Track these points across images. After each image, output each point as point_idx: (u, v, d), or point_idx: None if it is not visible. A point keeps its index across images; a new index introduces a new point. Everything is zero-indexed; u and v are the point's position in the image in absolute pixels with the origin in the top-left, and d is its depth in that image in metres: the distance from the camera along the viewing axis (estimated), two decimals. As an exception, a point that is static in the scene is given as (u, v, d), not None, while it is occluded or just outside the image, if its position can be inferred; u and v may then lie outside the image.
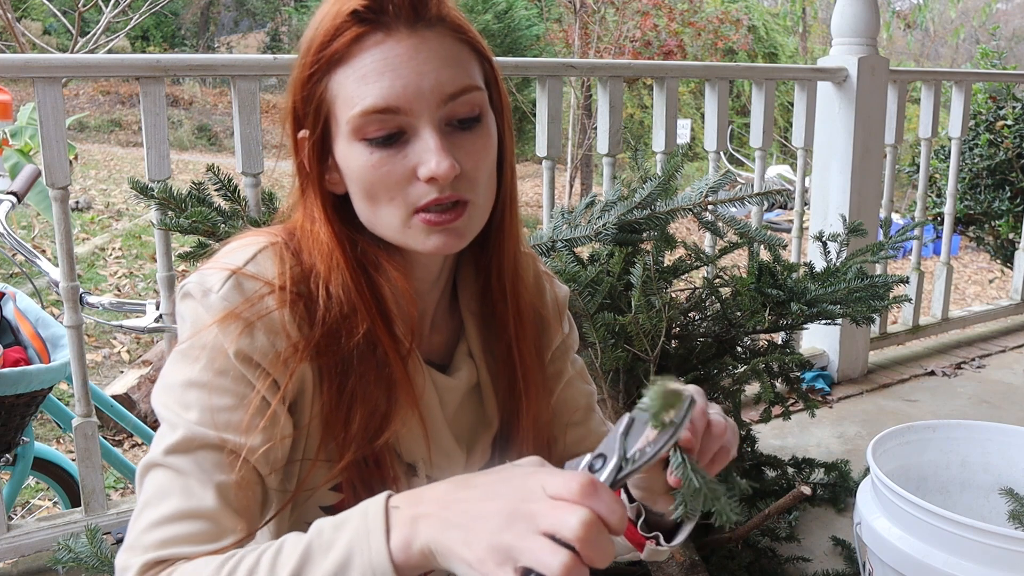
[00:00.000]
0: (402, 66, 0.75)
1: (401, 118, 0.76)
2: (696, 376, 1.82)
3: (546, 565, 0.57)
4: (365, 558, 0.63)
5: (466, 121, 0.78)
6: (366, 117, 0.75)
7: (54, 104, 1.73)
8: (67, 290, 1.84)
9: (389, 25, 0.76)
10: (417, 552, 0.63)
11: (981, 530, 1.35)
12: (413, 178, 0.77)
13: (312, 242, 0.82)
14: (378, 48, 0.75)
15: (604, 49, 10.53)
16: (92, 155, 10.42)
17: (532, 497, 0.61)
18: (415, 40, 0.76)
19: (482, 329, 0.93)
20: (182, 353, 0.78)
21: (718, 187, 1.68)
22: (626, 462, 0.64)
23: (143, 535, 0.72)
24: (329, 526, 0.66)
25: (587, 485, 0.60)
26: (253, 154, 1.96)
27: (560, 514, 0.59)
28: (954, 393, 3.08)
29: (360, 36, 0.76)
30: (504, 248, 0.89)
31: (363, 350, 0.80)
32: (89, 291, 2.41)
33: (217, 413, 0.75)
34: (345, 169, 0.80)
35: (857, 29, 2.99)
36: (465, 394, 0.92)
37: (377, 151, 0.76)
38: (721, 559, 1.79)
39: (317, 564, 0.64)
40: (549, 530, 0.59)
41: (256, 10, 19.05)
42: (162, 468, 0.74)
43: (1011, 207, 5.13)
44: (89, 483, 1.93)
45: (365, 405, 0.80)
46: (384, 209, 0.79)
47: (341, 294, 0.80)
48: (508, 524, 0.60)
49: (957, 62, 18.29)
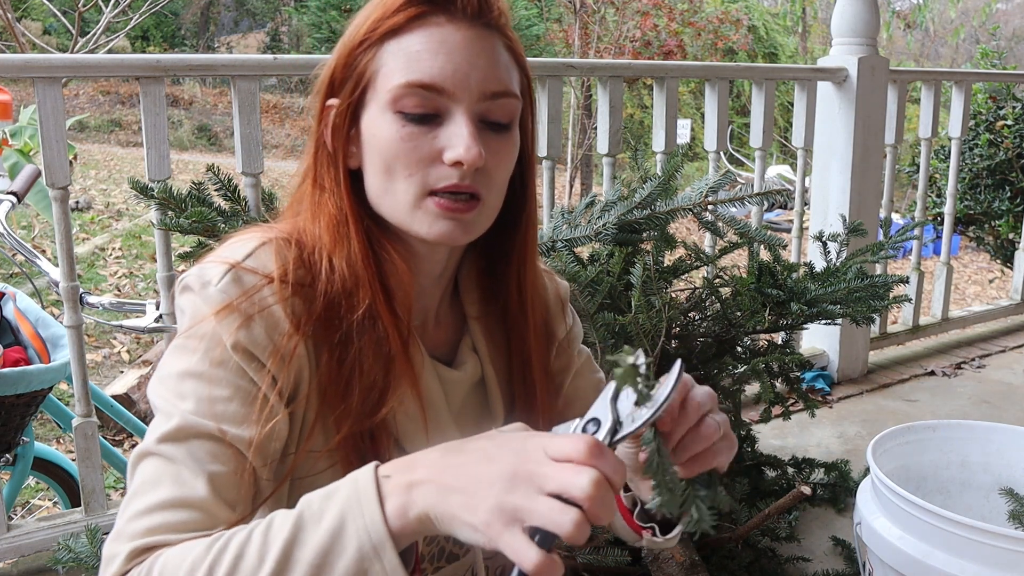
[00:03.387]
0: (456, 52, 0.77)
1: (442, 100, 0.77)
2: (696, 376, 1.82)
3: (557, 524, 0.59)
4: (360, 523, 0.63)
5: (497, 125, 0.80)
6: (410, 89, 0.77)
7: (54, 104, 1.73)
8: (67, 290, 1.84)
9: (453, 13, 0.79)
10: (414, 519, 0.64)
11: (981, 530, 1.35)
12: (436, 160, 0.78)
13: (320, 213, 0.82)
14: (438, 29, 0.78)
15: (604, 49, 10.53)
16: (92, 155, 10.42)
17: (533, 459, 0.62)
18: (473, 33, 0.79)
19: (485, 328, 0.94)
20: (180, 345, 0.78)
21: (718, 187, 1.68)
22: (620, 425, 0.65)
23: (131, 523, 0.71)
24: (318, 497, 0.66)
25: (593, 446, 0.61)
26: (253, 154, 1.96)
27: (568, 475, 0.60)
28: (954, 393, 3.08)
29: (423, 14, 0.78)
30: (527, 262, 0.91)
31: (364, 325, 0.80)
32: (89, 291, 2.41)
33: (213, 404, 0.75)
34: (369, 139, 0.80)
35: (857, 29, 2.99)
36: (470, 388, 0.92)
37: (409, 125, 0.78)
38: (721, 559, 1.79)
39: (310, 534, 0.64)
40: (557, 490, 0.60)
41: (256, 10, 19.06)
42: (154, 456, 0.74)
43: (1011, 207, 5.13)
44: (89, 483, 1.93)
45: (364, 379, 0.80)
46: (399, 184, 0.79)
47: (345, 267, 0.80)
48: (512, 486, 0.61)
49: (957, 62, 18.29)
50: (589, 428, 0.67)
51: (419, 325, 0.89)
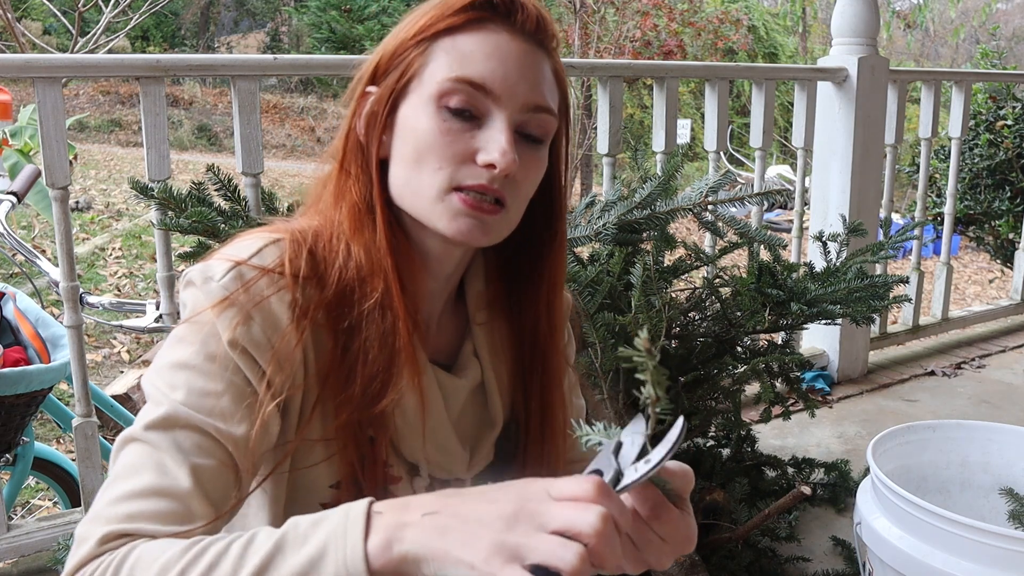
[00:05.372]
0: (510, 59, 0.79)
1: (487, 102, 0.78)
2: (696, 376, 1.82)
3: (560, 558, 0.58)
4: (340, 555, 0.62)
5: (532, 138, 0.81)
6: (459, 83, 0.78)
7: (54, 104, 1.73)
8: (67, 290, 1.84)
9: (512, 24, 0.80)
10: (397, 557, 0.62)
11: (981, 530, 1.35)
12: (469, 159, 0.78)
13: (343, 199, 0.83)
14: (496, 35, 0.80)
15: (604, 49, 10.54)
16: (92, 155, 10.42)
17: (536, 498, 0.61)
18: (527, 47, 0.81)
19: (488, 335, 0.93)
20: (177, 336, 0.78)
21: (718, 187, 1.68)
22: (622, 476, 0.65)
23: (108, 507, 0.70)
24: (307, 522, 0.65)
25: (601, 486, 0.61)
26: (253, 154, 1.96)
27: (575, 512, 0.59)
28: (954, 393, 3.08)
29: (482, 19, 0.80)
30: (557, 285, 0.92)
31: (373, 315, 0.80)
32: (89, 291, 2.41)
33: (204, 397, 0.74)
34: (404, 130, 0.81)
35: (857, 29, 2.99)
36: (470, 394, 0.92)
37: (449, 120, 0.78)
38: (721, 559, 1.79)
39: (288, 557, 0.63)
40: (562, 527, 0.59)
41: (256, 10, 19.05)
42: (139, 443, 0.73)
43: (1011, 207, 5.13)
44: (89, 483, 1.93)
45: (367, 368, 0.80)
46: (426, 176, 0.79)
47: (363, 254, 0.81)
48: (512, 524, 0.60)
49: (957, 62, 18.29)
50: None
51: (422, 328, 0.89)
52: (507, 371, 0.94)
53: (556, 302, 0.93)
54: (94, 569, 0.66)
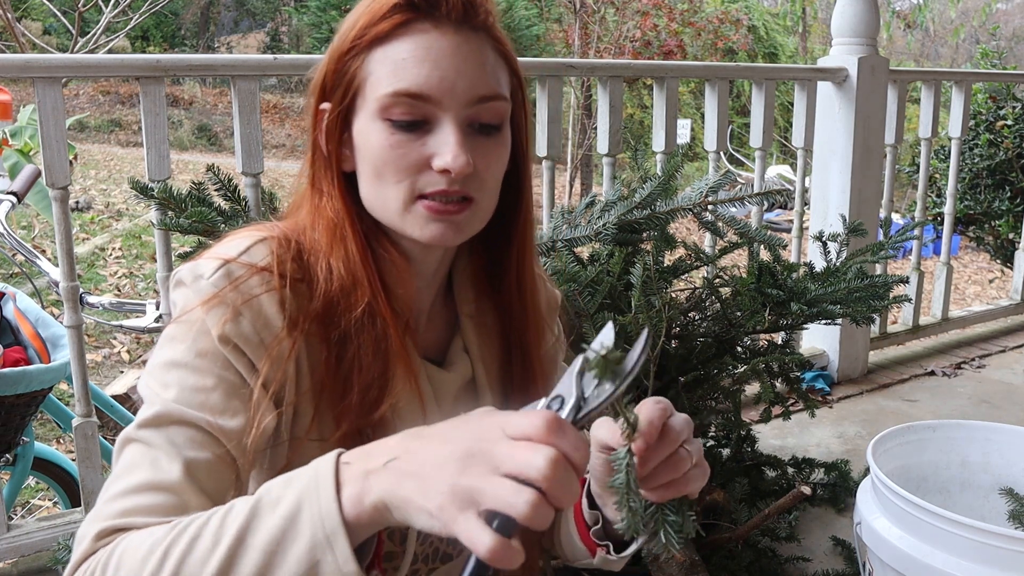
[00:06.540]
0: (443, 59, 0.77)
1: (429, 108, 0.78)
2: (696, 376, 1.82)
3: (512, 506, 0.56)
4: (314, 511, 0.62)
5: (487, 127, 0.80)
6: (397, 98, 0.77)
7: (54, 104, 1.73)
8: (67, 290, 1.84)
9: (438, 19, 0.79)
10: (370, 507, 0.61)
11: (981, 530, 1.35)
12: (425, 167, 0.78)
13: (318, 216, 0.83)
14: (423, 36, 0.78)
15: (604, 49, 10.54)
16: (92, 155, 10.42)
17: (490, 437, 0.60)
18: (459, 39, 0.79)
19: (478, 327, 0.94)
20: (168, 335, 0.78)
21: (718, 187, 1.68)
22: (584, 401, 0.62)
23: (106, 506, 0.71)
24: (278, 483, 0.65)
25: (552, 422, 0.59)
26: (253, 154, 1.96)
27: (524, 454, 0.57)
28: (954, 393, 3.08)
29: (408, 22, 0.78)
30: (526, 256, 0.91)
31: (363, 323, 0.80)
32: (89, 291, 2.41)
33: (195, 392, 0.75)
34: (360, 145, 0.81)
35: (857, 29, 2.99)
36: (460, 389, 0.92)
37: (397, 133, 0.78)
38: (721, 559, 1.79)
39: (265, 519, 0.63)
40: (513, 471, 0.57)
41: (256, 10, 19.06)
42: (135, 442, 0.75)
43: (1011, 207, 5.13)
44: (89, 483, 1.93)
45: (363, 376, 0.80)
46: (389, 189, 0.80)
47: (342, 268, 0.81)
48: (466, 466, 0.58)
49: (957, 62, 18.30)
50: (553, 406, 0.63)
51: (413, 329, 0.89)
52: (496, 364, 0.95)
53: (525, 272, 0.92)
54: (89, 565, 0.68)
